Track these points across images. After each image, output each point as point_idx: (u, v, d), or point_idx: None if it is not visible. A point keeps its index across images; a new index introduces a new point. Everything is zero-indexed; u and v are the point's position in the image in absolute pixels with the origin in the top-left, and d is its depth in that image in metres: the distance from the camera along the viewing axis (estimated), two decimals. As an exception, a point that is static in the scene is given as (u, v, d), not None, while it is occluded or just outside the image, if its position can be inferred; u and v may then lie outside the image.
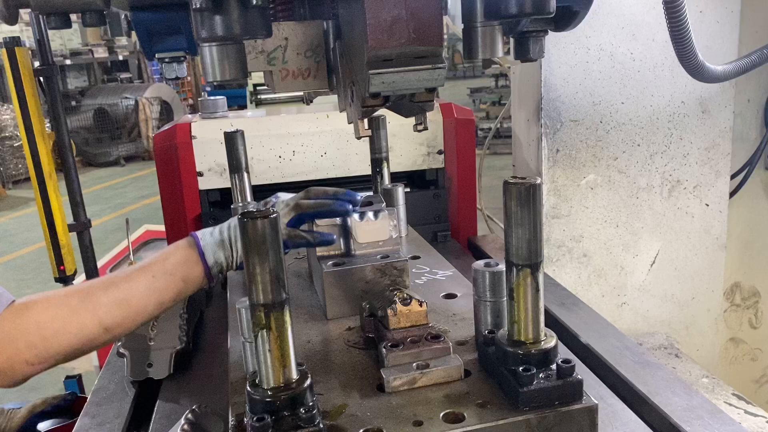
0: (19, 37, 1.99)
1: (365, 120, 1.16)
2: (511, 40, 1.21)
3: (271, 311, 0.90)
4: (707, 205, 2.36)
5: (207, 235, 1.28)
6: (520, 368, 0.97)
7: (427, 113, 1.20)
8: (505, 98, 12.10)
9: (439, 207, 2.38)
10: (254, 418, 0.89)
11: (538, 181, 0.94)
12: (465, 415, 0.96)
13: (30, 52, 2.23)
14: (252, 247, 0.88)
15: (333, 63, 1.29)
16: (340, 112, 1.29)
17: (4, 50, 1.99)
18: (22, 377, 1.18)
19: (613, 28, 2.15)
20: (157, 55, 1.23)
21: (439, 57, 0.98)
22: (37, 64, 2.25)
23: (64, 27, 0.98)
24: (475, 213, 2.45)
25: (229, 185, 2.15)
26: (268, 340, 0.91)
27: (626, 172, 2.29)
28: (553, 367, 0.99)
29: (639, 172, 2.29)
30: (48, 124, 2.48)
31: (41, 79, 2.19)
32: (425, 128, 1.18)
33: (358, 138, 1.19)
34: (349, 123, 1.21)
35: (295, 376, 0.94)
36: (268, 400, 0.91)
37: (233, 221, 1.31)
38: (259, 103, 7.93)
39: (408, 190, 2.11)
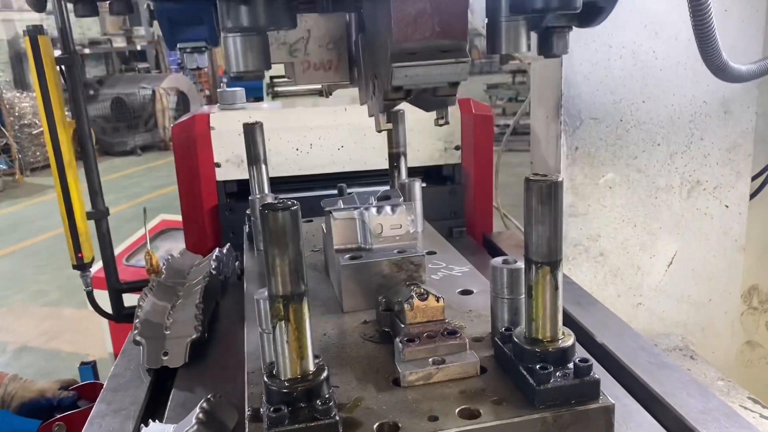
0: (41, 26, 2.01)
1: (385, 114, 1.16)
2: (534, 35, 1.20)
3: (289, 303, 0.90)
4: (727, 207, 2.33)
5: None
6: (537, 366, 0.96)
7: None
8: (522, 94, 12.04)
9: (455, 203, 2.38)
10: (271, 409, 0.90)
11: (560, 179, 0.94)
12: (481, 411, 0.96)
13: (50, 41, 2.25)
14: (272, 239, 0.88)
15: (355, 56, 1.29)
16: (361, 105, 1.29)
17: (27, 38, 2.01)
18: None
19: (636, 25, 2.13)
20: (178, 45, 1.23)
21: (463, 51, 0.97)
22: (58, 52, 2.27)
23: (91, 15, 0.99)
24: (491, 209, 2.44)
25: (246, 177, 2.15)
26: (286, 332, 0.91)
27: (645, 171, 2.27)
28: (571, 365, 0.99)
29: (658, 172, 2.27)
30: (68, 113, 2.49)
31: (62, 67, 2.21)
32: (446, 122, 1.18)
33: (379, 131, 1.19)
34: (370, 116, 1.21)
35: (312, 368, 0.94)
36: (284, 391, 0.91)
37: None
38: (275, 96, 7.94)
39: (424, 185, 2.11)
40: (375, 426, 0.94)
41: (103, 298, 2.70)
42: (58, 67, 2.12)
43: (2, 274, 7.02)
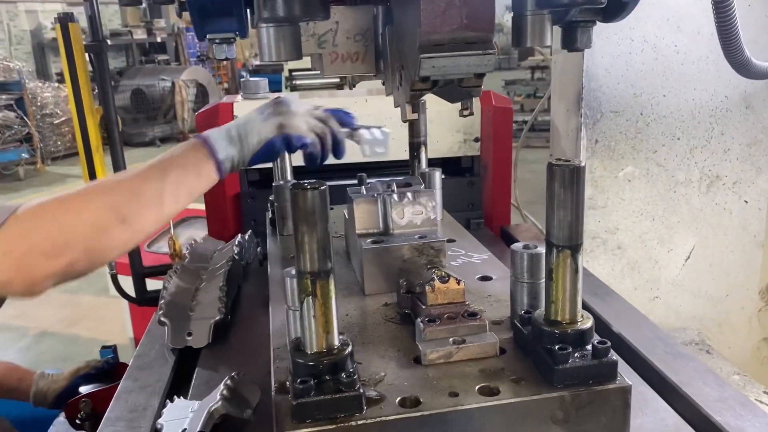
0: (72, 13, 2.05)
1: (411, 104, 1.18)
2: (557, 29, 1.22)
3: (317, 279, 0.93)
4: (746, 202, 2.33)
5: (215, 132, 1.30)
6: (556, 347, 0.99)
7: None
8: (540, 91, 11.96)
9: (473, 194, 2.40)
10: (297, 381, 0.93)
11: (582, 164, 0.96)
12: (500, 389, 0.99)
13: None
14: (302, 217, 0.92)
15: (381, 47, 1.32)
16: (387, 95, 1.32)
17: (58, 25, 2.06)
18: (41, 276, 1.12)
19: (658, 19, 2.13)
20: (208, 36, 1.26)
21: (489, 43, 1.00)
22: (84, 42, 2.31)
23: (134, 4, 1.03)
24: (510, 202, 2.46)
25: (267, 165, 2.19)
26: (313, 307, 0.94)
27: (665, 165, 2.27)
28: (589, 347, 1.01)
29: (678, 166, 2.28)
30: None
31: (91, 55, 2.26)
32: (471, 113, 1.20)
33: (405, 121, 1.22)
34: (396, 107, 1.24)
35: (337, 343, 0.97)
36: (311, 364, 0.95)
37: (243, 118, 1.33)
38: (294, 89, 7.99)
39: (443, 176, 2.14)
40: (397, 400, 0.97)
41: (124, 283, 2.75)
42: (87, 55, 2.16)
43: (24, 260, 7.16)
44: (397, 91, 1.20)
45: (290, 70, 8.47)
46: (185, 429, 1.26)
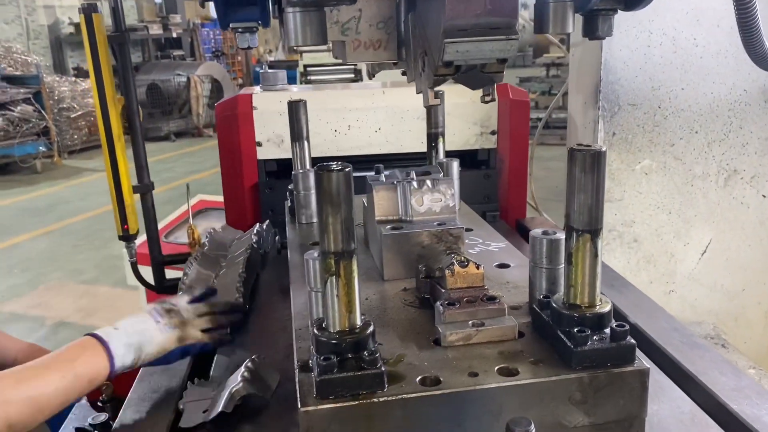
0: (96, 4, 2.09)
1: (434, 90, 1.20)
2: (577, 19, 1.23)
3: (341, 259, 0.95)
4: (764, 197, 2.32)
5: (116, 339, 1.33)
6: (575, 329, 1.00)
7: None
8: (555, 88, 11.91)
9: (489, 187, 2.40)
10: (321, 358, 0.95)
11: (603, 149, 0.97)
12: (519, 370, 1.00)
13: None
14: (326, 198, 0.93)
15: (403, 35, 1.33)
16: (408, 82, 1.33)
17: (82, 16, 2.09)
18: None
19: (677, 12, 2.13)
20: (231, 25, 1.28)
21: (512, 28, 1.01)
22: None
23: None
24: (525, 195, 2.47)
25: (285, 156, 2.21)
26: (336, 287, 0.96)
27: (682, 159, 2.27)
28: (607, 330, 1.02)
29: (695, 160, 2.27)
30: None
31: (113, 45, 2.29)
32: (493, 99, 1.21)
33: (427, 106, 1.23)
34: (418, 92, 1.25)
35: (359, 322, 0.99)
36: (334, 342, 0.96)
37: (140, 323, 1.40)
38: (308, 83, 8.05)
39: (459, 168, 2.15)
40: (417, 379, 0.99)
41: (142, 273, 2.78)
42: (110, 46, 2.19)
43: (41, 252, 7.23)
44: (419, 78, 1.22)
45: (305, 66, 8.55)
46: (206, 410, 1.29)
